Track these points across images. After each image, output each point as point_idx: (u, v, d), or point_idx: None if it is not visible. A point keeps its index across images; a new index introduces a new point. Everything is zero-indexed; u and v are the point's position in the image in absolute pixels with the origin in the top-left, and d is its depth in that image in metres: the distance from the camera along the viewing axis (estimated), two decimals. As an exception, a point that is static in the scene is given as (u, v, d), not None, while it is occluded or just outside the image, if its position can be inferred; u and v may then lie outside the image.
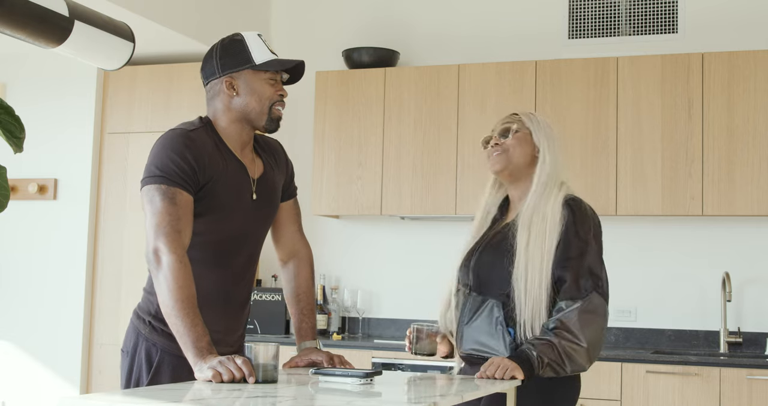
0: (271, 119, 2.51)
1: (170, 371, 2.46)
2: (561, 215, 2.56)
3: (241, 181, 2.51)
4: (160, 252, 2.29)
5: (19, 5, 2.46)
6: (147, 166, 2.41)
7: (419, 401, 1.98)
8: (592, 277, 2.53)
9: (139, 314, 2.56)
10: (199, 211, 2.42)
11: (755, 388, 4.05)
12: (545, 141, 2.69)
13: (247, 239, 2.55)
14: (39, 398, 5.08)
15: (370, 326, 5.25)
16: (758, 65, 4.45)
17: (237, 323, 2.59)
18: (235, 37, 2.52)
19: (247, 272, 2.59)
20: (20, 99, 5.25)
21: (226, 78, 2.49)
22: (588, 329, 2.48)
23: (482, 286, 2.63)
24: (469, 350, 2.64)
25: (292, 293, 2.70)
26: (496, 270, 2.60)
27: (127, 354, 2.54)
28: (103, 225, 5.17)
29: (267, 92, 2.49)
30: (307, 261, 2.73)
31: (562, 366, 2.47)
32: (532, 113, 2.76)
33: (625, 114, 4.61)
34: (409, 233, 5.26)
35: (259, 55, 2.48)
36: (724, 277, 4.56)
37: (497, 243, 2.64)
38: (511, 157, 2.67)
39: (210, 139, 2.48)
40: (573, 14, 5.08)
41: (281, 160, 2.71)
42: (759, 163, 4.41)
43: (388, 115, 5.00)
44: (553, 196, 2.60)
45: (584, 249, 2.55)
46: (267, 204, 2.59)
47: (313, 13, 5.58)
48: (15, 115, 2.13)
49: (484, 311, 2.60)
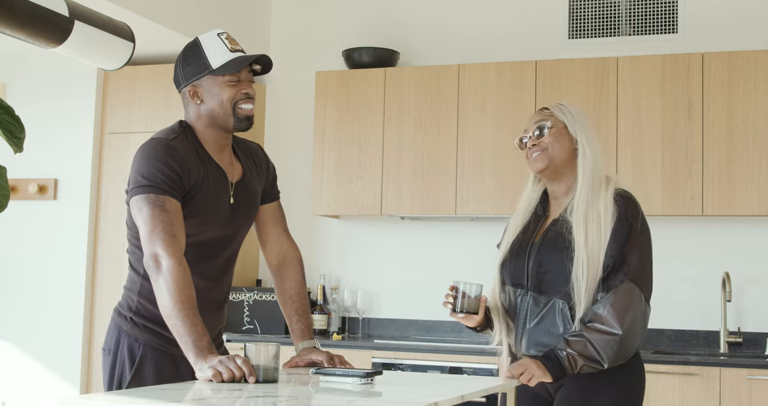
0: (238, 119, 2.51)
1: (153, 365, 2.48)
2: (614, 210, 2.54)
3: (221, 186, 2.53)
4: (159, 256, 2.31)
5: (19, 5, 2.46)
6: (132, 177, 2.43)
7: (419, 401, 1.98)
8: (628, 266, 2.51)
9: (120, 311, 2.57)
10: (184, 214, 2.44)
11: (755, 388, 4.05)
12: (582, 132, 2.65)
13: (225, 242, 2.58)
14: (39, 398, 5.08)
15: (370, 326, 5.25)
16: (758, 65, 4.45)
17: (214, 323, 2.61)
18: (193, 43, 2.53)
19: (225, 275, 2.63)
20: (20, 99, 5.25)
21: (190, 87, 2.51)
22: (623, 316, 2.45)
23: (542, 285, 2.58)
24: (534, 353, 2.58)
25: (284, 294, 2.72)
26: (556, 268, 2.56)
27: (108, 352, 2.55)
28: (103, 225, 5.17)
29: (227, 94, 2.49)
30: (297, 262, 2.74)
31: (598, 361, 2.46)
32: (562, 104, 2.71)
33: (625, 114, 4.61)
34: (409, 233, 5.26)
35: (216, 58, 2.48)
36: (724, 277, 4.56)
37: (552, 240, 2.60)
38: (552, 154, 2.63)
39: (190, 145, 2.50)
40: (573, 14, 5.08)
41: (261, 164, 2.72)
42: (759, 163, 4.41)
43: (388, 115, 5.00)
44: (603, 191, 2.57)
45: (627, 239, 2.52)
46: (245, 208, 2.61)
47: (313, 13, 5.58)
48: (15, 115, 2.13)
49: (551, 311, 2.56)
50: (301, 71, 5.50)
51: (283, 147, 5.47)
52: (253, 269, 5.41)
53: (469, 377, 2.54)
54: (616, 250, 2.51)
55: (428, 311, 5.09)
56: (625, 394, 2.58)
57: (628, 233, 2.53)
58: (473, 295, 2.59)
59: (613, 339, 2.45)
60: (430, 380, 2.55)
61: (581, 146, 2.63)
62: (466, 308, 2.58)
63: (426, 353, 4.54)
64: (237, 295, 5.06)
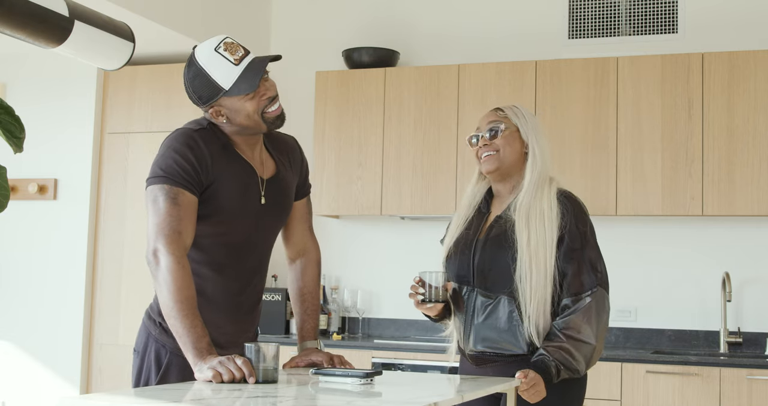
0: (269, 123, 2.46)
1: (178, 372, 2.45)
2: (558, 210, 2.57)
3: (248, 183, 2.48)
4: (159, 253, 2.29)
5: (19, 5, 2.46)
6: (152, 166, 2.40)
7: (419, 401, 1.98)
8: (594, 271, 2.54)
9: (150, 314, 2.54)
10: (206, 212, 2.41)
11: (755, 388, 4.05)
12: (533, 135, 2.68)
13: (255, 242, 2.53)
14: (39, 398, 5.08)
15: (370, 326, 5.25)
16: (758, 65, 4.45)
17: (248, 325, 2.58)
18: (197, 71, 2.41)
19: (256, 276, 2.57)
20: (20, 99, 5.25)
21: (211, 110, 2.44)
22: (596, 326, 2.50)
23: (487, 282, 2.60)
24: (481, 349, 2.61)
25: (297, 292, 2.68)
26: (500, 266, 2.58)
27: (138, 354, 2.53)
28: (103, 225, 5.17)
29: (251, 108, 2.41)
30: (315, 261, 2.71)
31: (577, 368, 2.49)
32: (516, 106, 2.75)
33: (625, 114, 4.61)
34: (409, 233, 5.26)
35: (224, 78, 2.38)
36: (724, 277, 4.56)
37: (495, 238, 2.62)
38: (503, 157, 2.66)
39: (217, 139, 2.46)
40: (573, 14, 5.08)
41: (296, 159, 2.67)
42: (759, 163, 4.41)
43: (388, 115, 5.00)
44: (546, 192, 2.61)
45: (584, 243, 2.56)
46: (277, 207, 2.55)
47: (313, 13, 5.58)
48: (15, 115, 2.13)
49: (497, 307, 2.58)
50: (301, 71, 5.50)
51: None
52: (253, 269, 5.41)
53: (469, 377, 2.54)
54: (575, 253, 2.54)
55: (428, 311, 5.08)
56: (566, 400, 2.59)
57: (583, 234, 2.57)
58: (440, 284, 2.61)
59: (590, 348, 2.49)
60: (430, 380, 2.55)
61: (531, 150, 2.66)
62: (434, 297, 2.60)
63: (426, 353, 4.54)
64: (237, 295, 5.05)
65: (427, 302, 2.61)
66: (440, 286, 2.61)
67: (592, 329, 2.49)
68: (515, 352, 2.56)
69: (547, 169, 2.66)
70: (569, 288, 2.52)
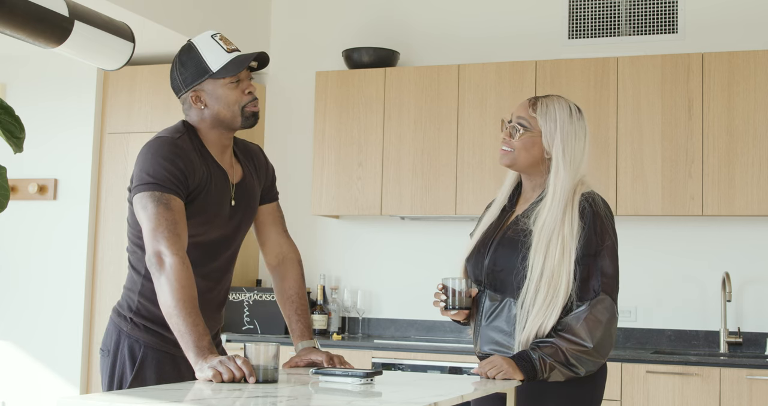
0: (245, 118, 2.53)
1: (154, 365, 2.48)
2: (578, 227, 2.50)
3: (222, 187, 2.54)
4: (162, 254, 2.31)
5: (19, 5, 2.46)
6: (137, 175, 2.43)
7: (419, 401, 1.98)
8: (602, 277, 2.49)
9: (120, 311, 2.56)
10: (188, 214, 2.44)
11: (755, 388, 4.05)
12: (560, 142, 2.55)
13: (225, 243, 2.59)
14: (39, 398, 5.08)
15: (370, 326, 5.25)
16: (758, 65, 4.45)
17: (213, 323, 2.61)
18: (188, 47, 2.52)
19: (224, 276, 2.63)
20: (20, 99, 5.25)
21: (191, 93, 2.51)
22: (595, 330, 2.45)
23: (497, 283, 2.58)
24: (488, 351, 2.60)
25: (283, 294, 2.71)
26: (510, 268, 2.55)
27: (108, 353, 2.54)
28: (103, 225, 5.17)
29: (232, 97, 2.50)
30: (296, 261, 2.75)
31: (573, 369, 2.45)
32: (553, 105, 2.60)
33: (625, 114, 4.61)
34: (409, 233, 5.26)
35: (214, 60, 2.48)
36: (724, 277, 4.56)
37: (510, 240, 2.58)
38: (516, 158, 2.61)
39: (193, 145, 2.51)
40: (573, 14, 5.08)
41: (261, 166, 2.73)
42: (759, 164, 4.41)
43: (388, 115, 5.00)
44: (569, 209, 2.51)
45: (599, 249, 2.50)
46: (245, 209, 2.62)
47: (313, 13, 5.58)
48: (15, 115, 2.13)
49: (503, 310, 2.56)
50: (301, 71, 5.50)
51: (283, 147, 5.47)
52: (253, 269, 5.42)
53: (469, 377, 2.53)
54: (589, 259, 2.49)
55: (428, 311, 5.08)
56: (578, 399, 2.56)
57: (600, 241, 2.50)
58: (462, 290, 2.60)
59: (584, 350, 2.44)
60: (430, 380, 2.55)
61: (555, 160, 2.55)
62: (458, 304, 2.60)
63: (426, 353, 4.54)
64: (237, 295, 5.06)
65: (451, 310, 2.60)
66: (463, 292, 2.59)
67: (588, 332, 2.43)
68: None
69: (574, 179, 2.55)
70: (577, 292, 2.48)
